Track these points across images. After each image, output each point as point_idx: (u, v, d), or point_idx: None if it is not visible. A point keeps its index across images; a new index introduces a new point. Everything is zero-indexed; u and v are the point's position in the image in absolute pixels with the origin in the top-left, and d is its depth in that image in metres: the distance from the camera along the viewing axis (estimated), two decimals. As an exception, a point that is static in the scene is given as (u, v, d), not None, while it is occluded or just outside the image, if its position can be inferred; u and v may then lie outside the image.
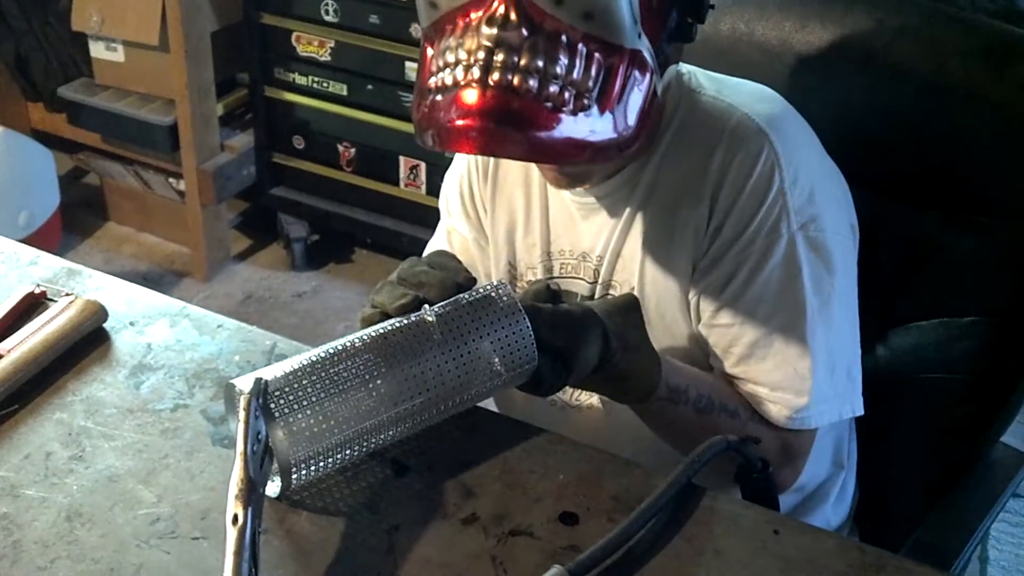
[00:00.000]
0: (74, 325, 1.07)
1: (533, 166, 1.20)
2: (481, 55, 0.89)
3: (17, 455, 0.96)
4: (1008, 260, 1.22)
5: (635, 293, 1.14)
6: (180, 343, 1.10)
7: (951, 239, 1.23)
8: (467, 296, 1.00)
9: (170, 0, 2.61)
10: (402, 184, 2.78)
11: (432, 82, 0.94)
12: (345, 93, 2.75)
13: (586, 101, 0.92)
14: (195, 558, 0.87)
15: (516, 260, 1.25)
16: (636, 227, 1.15)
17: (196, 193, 2.83)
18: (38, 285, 1.15)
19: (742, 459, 0.99)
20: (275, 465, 0.89)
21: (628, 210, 1.15)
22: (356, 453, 0.93)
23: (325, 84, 2.77)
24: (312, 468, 0.90)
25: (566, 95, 0.91)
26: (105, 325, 1.11)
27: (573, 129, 0.92)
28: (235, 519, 0.81)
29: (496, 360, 0.99)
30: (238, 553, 0.79)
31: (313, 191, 2.91)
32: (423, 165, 2.74)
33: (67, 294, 1.13)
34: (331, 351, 0.93)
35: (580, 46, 0.91)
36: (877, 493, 1.33)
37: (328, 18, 2.68)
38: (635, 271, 1.15)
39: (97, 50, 2.82)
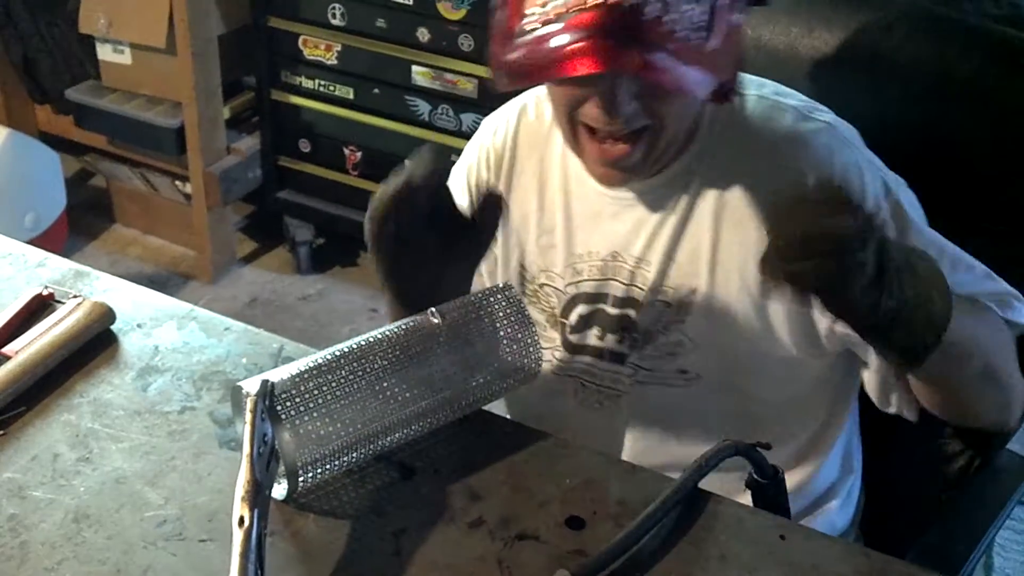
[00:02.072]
0: (82, 327, 1.08)
1: (551, 164, 1.18)
2: None
3: (25, 456, 0.96)
4: (1014, 266, 1.22)
5: (702, 294, 1.11)
6: (187, 345, 1.10)
7: (957, 245, 1.23)
8: (473, 298, 1.00)
9: (177, 3, 2.61)
10: (408, 188, 2.78)
11: (531, 19, 0.96)
12: (352, 97, 2.75)
13: (700, 35, 0.95)
14: (202, 560, 0.87)
15: (527, 262, 1.22)
16: (694, 228, 1.11)
17: (202, 196, 2.84)
18: (46, 287, 1.15)
19: (752, 465, 0.98)
20: (282, 468, 0.89)
21: (679, 209, 1.12)
22: (362, 456, 0.94)
23: (332, 88, 2.77)
24: (318, 471, 0.91)
25: (681, 26, 0.94)
26: (113, 327, 1.11)
27: (688, 58, 0.95)
28: (241, 521, 0.81)
29: (502, 362, 0.99)
30: (244, 555, 0.79)
31: (319, 194, 2.91)
32: (429, 169, 2.73)
33: (75, 296, 1.13)
34: (337, 354, 0.93)
35: None
36: (883, 500, 1.33)
37: (335, 22, 2.68)
38: (702, 276, 1.11)
39: (104, 52, 2.82)
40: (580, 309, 1.18)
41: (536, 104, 1.21)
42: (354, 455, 0.93)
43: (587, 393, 1.21)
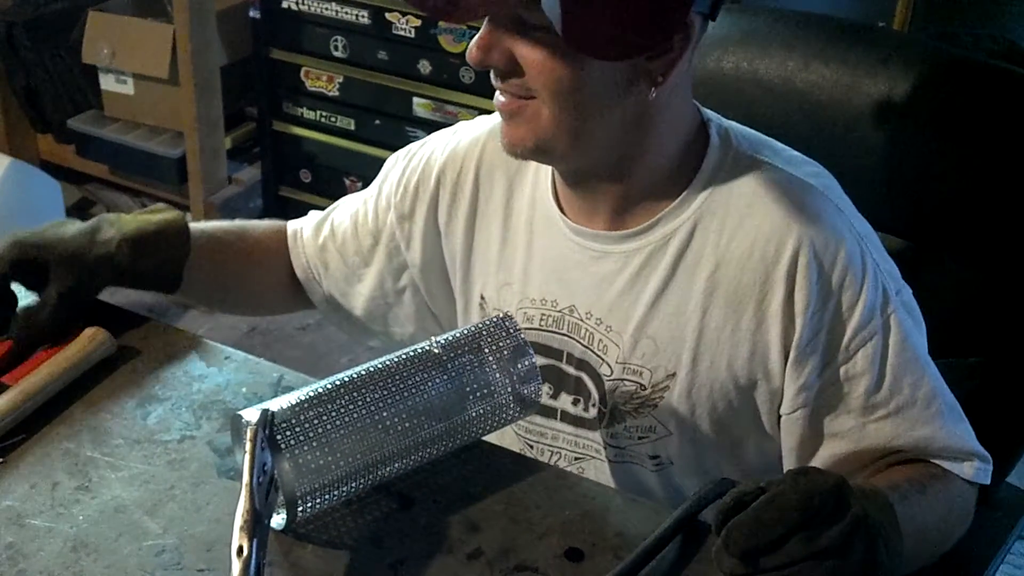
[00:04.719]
0: (83, 355, 1.08)
1: (520, 195, 1.12)
2: None
3: (24, 484, 0.96)
4: (1013, 300, 1.23)
5: (681, 380, 1.05)
6: (187, 374, 1.10)
7: (956, 278, 1.24)
8: (474, 328, 1.00)
9: (180, 34, 2.64)
10: (408, 218, 2.79)
11: None
12: (352, 128, 2.77)
13: None
14: (200, 590, 0.87)
15: (487, 296, 1.15)
16: (676, 303, 1.04)
17: (203, 225, 2.85)
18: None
19: None
20: (281, 497, 0.89)
21: (657, 276, 1.04)
22: (362, 486, 0.94)
23: (333, 119, 2.79)
24: (318, 500, 0.91)
25: None
26: (113, 355, 1.11)
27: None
28: (240, 551, 0.81)
29: (502, 393, 0.99)
30: (243, 585, 0.79)
31: (319, 224, 2.91)
32: (429, 200, 2.75)
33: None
34: (338, 383, 0.94)
35: None
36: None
37: (337, 53, 2.70)
38: (683, 360, 1.04)
39: (107, 82, 2.85)
40: None
41: None
42: (353, 485, 0.93)
43: (543, 459, 1.15)
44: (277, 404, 0.91)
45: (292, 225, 1.30)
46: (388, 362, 0.96)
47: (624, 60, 0.96)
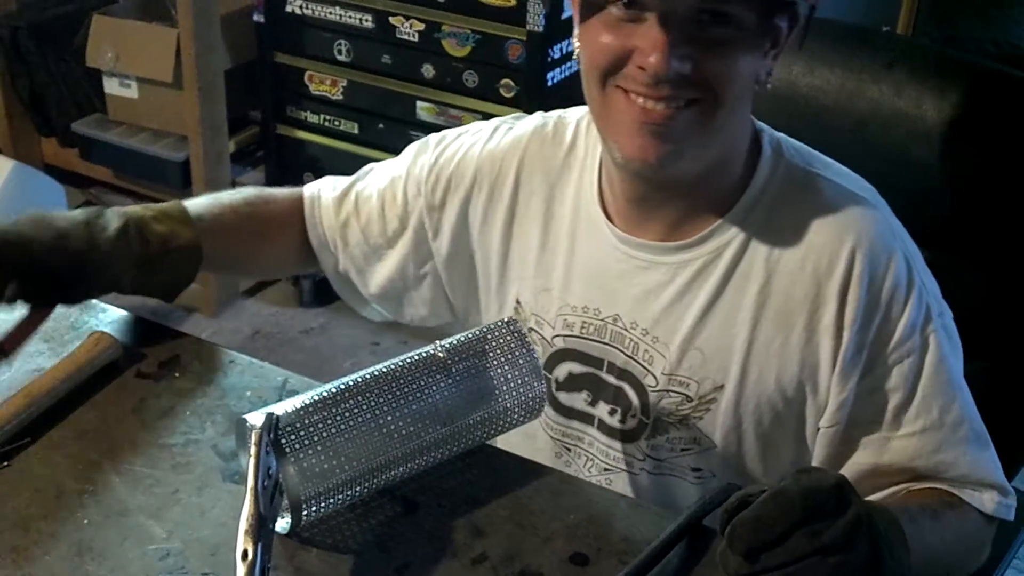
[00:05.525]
0: (87, 359, 1.08)
1: (562, 199, 1.10)
2: None
3: (28, 488, 0.96)
4: (1018, 305, 1.23)
5: (729, 393, 1.04)
6: (192, 378, 1.10)
7: (961, 282, 1.23)
8: (479, 332, 1.00)
9: (184, 38, 2.64)
10: (411, 222, 2.79)
11: None
12: (356, 132, 2.77)
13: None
14: (204, 594, 0.87)
15: (523, 300, 1.14)
16: (725, 315, 1.03)
17: (206, 229, 2.84)
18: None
19: None
20: (285, 501, 0.89)
21: (707, 288, 1.03)
22: (366, 490, 0.94)
23: (337, 122, 2.79)
24: (322, 505, 0.90)
25: None
26: (118, 359, 1.11)
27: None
28: (245, 555, 0.81)
29: (506, 398, 0.99)
30: (248, 589, 0.79)
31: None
32: (432, 203, 2.75)
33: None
34: (342, 387, 0.94)
35: None
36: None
37: (341, 58, 2.70)
38: (731, 370, 1.03)
39: (111, 86, 2.85)
40: (570, 367, 1.12)
41: (555, 127, 1.14)
42: (358, 489, 0.92)
43: (578, 463, 1.15)
44: (281, 408, 0.91)
45: (309, 190, 1.25)
46: (392, 366, 0.96)
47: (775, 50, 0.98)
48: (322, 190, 1.25)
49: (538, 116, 1.17)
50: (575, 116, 1.14)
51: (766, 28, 0.96)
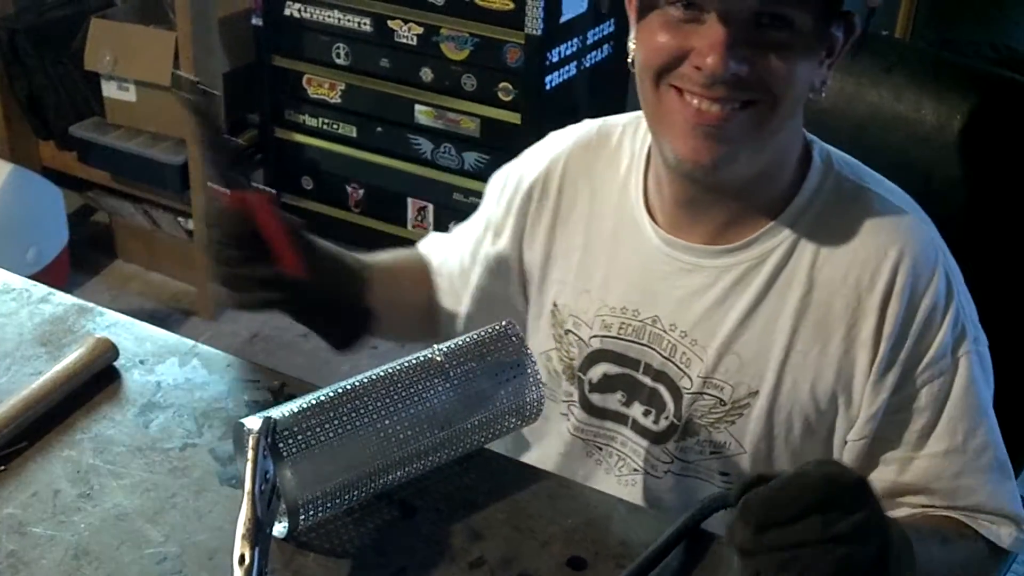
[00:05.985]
0: (85, 363, 1.08)
1: (604, 202, 1.11)
2: None
3: (25, 492, 0.96)
4: (1018, 306, 1.23)
5: (763, 399, 1.04)
6: (189, 382, 1.10)
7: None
8: (476, 336, 1.00)
9: (183, 41, 2.64)
10: (410, 225, 2.80)
11: None
12: (354, 135, 2.78)
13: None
14: (201, 598, 0.87)
15: (561, 302, 1.14)
16: (766, 321, 1.03)
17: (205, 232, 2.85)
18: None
19: None
20: (283, 505, 0.89)
21: (750, 293, 1.03)
22: (364, 494, 0.93)
23: (335, 126, 2.79)
24: (320, 509, 0.90)
25: None
26: (115, 363, 1.11)
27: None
28: (242, 559, 0.80)
29: (503, 402, 0.99)
30: (245, 594, 0.79)
31: (321, 232, 2.86)
32: (431, 207, 2.75)
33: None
34: (340, 391, 0.93)
35: None
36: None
37: (339, 61, 2.71)
38: (767, 376, 1.03)
39: (109, 90, 2.85)
40: (605, 368, 1.12)
41: (599, 131, 1.15)
42: (355, 493, 0.92)
43: (610, 462, 1.15)
44: (279, 412, 0.91)
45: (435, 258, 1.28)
46: (390, 370, 0.96)
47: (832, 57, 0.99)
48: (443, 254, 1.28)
49: (585, 122, 1.19)
50: (622, 120, 1.16)
51: (823, 36, 0.97)
